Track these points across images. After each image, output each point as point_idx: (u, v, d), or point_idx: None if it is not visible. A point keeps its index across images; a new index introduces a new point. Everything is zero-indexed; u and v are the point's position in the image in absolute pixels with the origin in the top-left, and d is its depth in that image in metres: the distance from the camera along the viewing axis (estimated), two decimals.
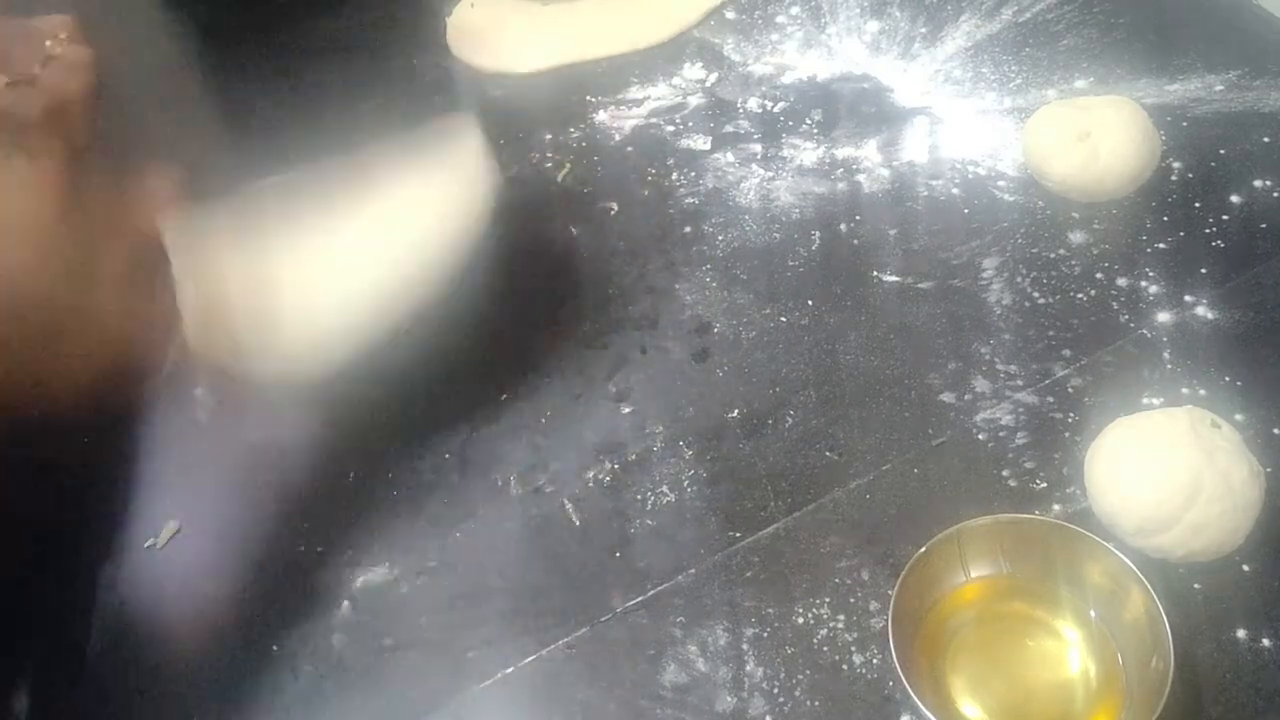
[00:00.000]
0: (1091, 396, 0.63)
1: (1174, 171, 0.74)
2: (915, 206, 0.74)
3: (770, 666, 0.55)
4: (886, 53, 0.85)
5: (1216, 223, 0.71)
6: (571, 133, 0.82)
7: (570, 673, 0.56)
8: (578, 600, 0.58)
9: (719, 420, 0.65)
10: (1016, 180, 0.75)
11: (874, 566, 0.57)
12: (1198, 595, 0.55)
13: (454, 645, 0.57)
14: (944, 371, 0.65)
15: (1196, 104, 0.78)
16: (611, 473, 0.63)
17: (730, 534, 0.60)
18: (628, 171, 0.79)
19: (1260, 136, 0.75)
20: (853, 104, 0.82)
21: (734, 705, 0.54)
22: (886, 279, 0.71)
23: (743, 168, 0.78)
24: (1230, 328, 0.66)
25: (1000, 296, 0.69)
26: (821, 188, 0.76)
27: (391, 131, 0.71)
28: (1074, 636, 0.54)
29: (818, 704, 0.53)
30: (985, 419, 0.63)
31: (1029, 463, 0.61)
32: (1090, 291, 0.68)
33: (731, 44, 0.87)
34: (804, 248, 0.73)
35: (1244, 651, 0.53)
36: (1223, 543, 0.55)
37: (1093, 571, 0.53)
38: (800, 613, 0.56)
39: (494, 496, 0.63)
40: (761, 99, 0.83)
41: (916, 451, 0.62)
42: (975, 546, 0.55)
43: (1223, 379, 0.63)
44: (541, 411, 0.66)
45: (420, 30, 0.92)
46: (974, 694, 0.52)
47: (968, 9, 0.87)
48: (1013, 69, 0.82)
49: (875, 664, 0.54)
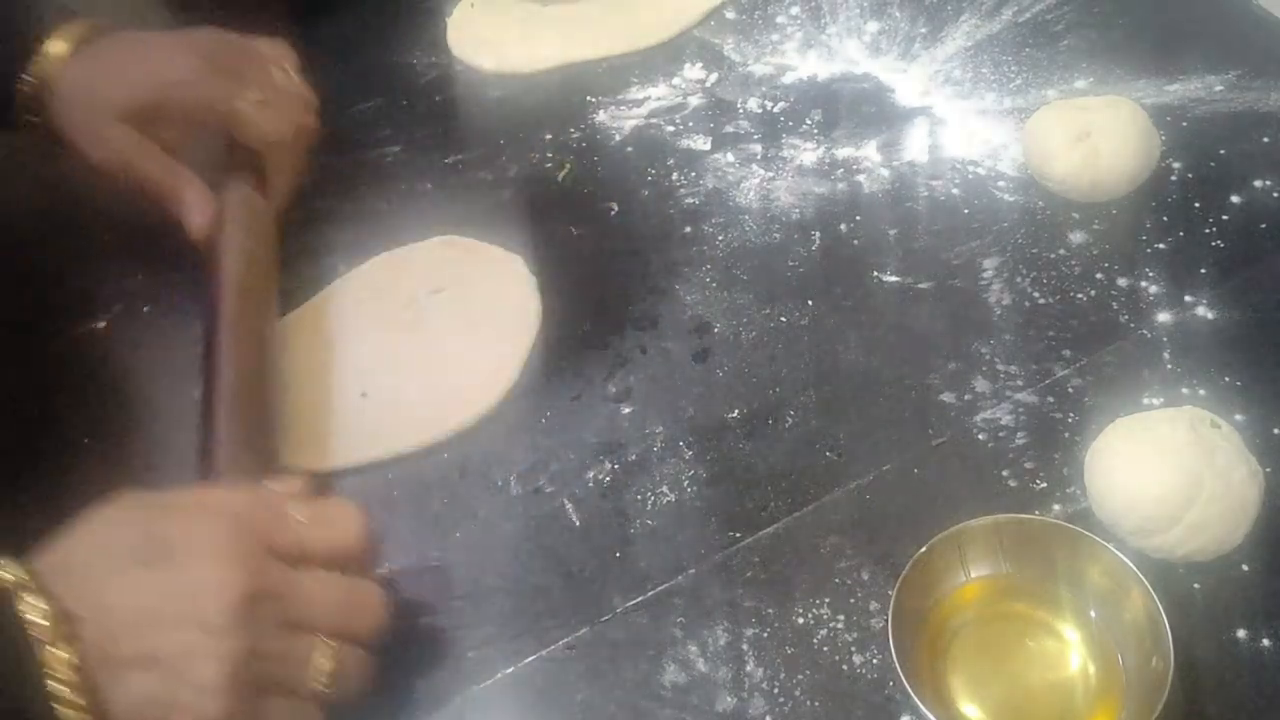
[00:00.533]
0: (1091, 396, 0.63)
1: (1174, 171, 0.74)
2: (915, 206, 0.74)
3: (770, 666, 0.55)
4: (886, 53, 0.85)
5: (1216, 223, 0.71)
6: (571, 133, 0.82)
7: (570, 673, 0.56)
8: (578, 600, 0.58)
9: (719, 420, 0.65)
10: (1016, 180, 0.75)
11: (874, 566, 0.57)
12: (1198, 595, 0.55)
13: (454, 645, 0.57)
14: (944, 371, 0.65)
15: (1196, 104, 0.78)
16: (611, 473, 0.63)
17: (730, 534, 0.60)
18: (628, 171, 0.79)
19: (1260, 136, 0.75)
20: (853, 104, 0.82)
21: (734, 705, 0.54)
22: (886, 279, 0.70)
23: (743, 168, 0.78)
24: (1230, 328, 0.66)
25: (1000, 296, 0.69)
26: (821, 188, 0.76)
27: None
28: (1074, 636, 0.54)
29: (818, 704, 0.53)
30: (985, 419, 0.63)
31: (1029, 463, 0.61)
32: (1090, 291, 0.68)
33: (731, 44, 0.87)
34: (804, 248, 0.73)
35: (1244, 651, 0.53)
36: (1222, 542, 0.55)
37: (1093, 571, 0.53)
38: (800, 613, 0.56)
39: (494, 496, 0.63)
40: (761, 99, 0.83)
41: (916, 451, 0.62)
42: (975, 546, 0.55)
43: (1223, 379, 0.63)
44: (541, 411, 0.66)
45: (420, 30, 0.92)
46: (974, 694, 0.52)
47: (968, 9, 0.87)
48: (1013, 69, 0.82)
49: (875, 664, 0.54)
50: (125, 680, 0.45)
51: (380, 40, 0.92)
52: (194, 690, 0.46)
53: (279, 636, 0.48)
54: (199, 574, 0.47)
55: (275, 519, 0.51)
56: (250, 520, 0.50)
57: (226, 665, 0.46)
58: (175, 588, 0.47)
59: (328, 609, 0.50)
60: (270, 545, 0.49)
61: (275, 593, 0.48)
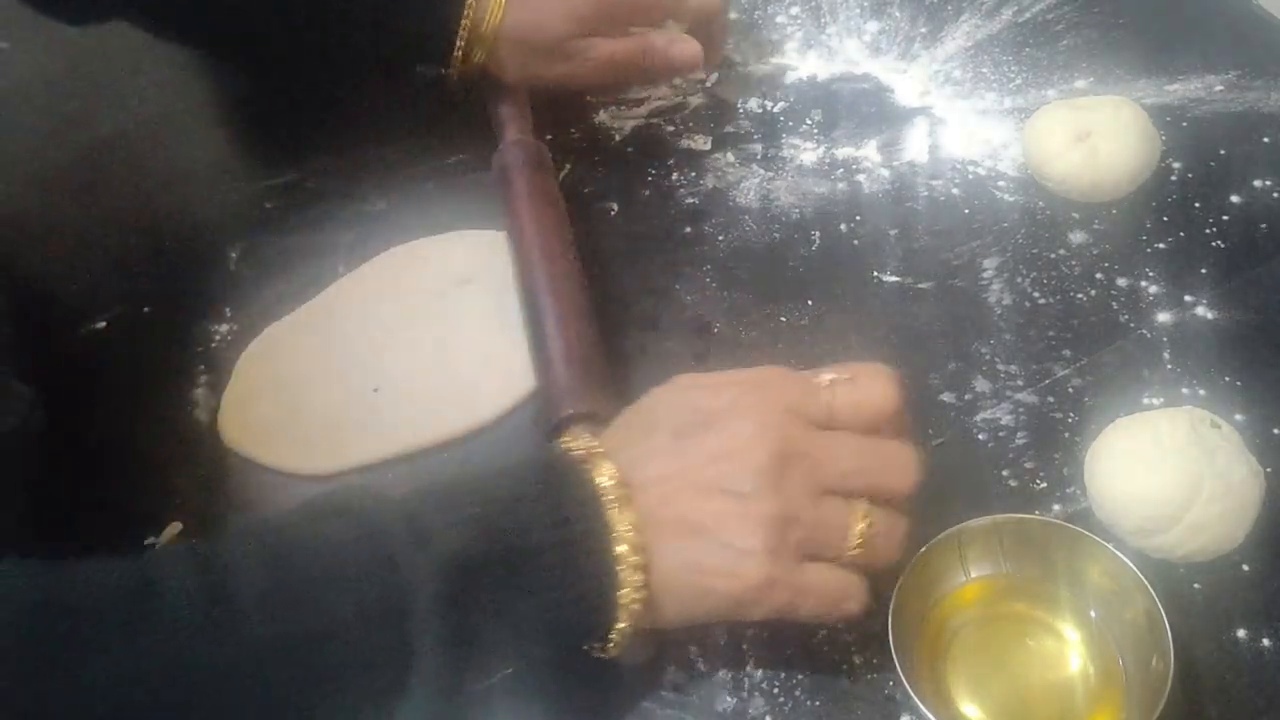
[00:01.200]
0: (1091, 396, 0.63)
1: (1174, 171, 0.74)
2: (915, 206, 0.74)
3: (770, 666, 0.55)
4: (886, 53, 0.85)
5: (1216, 223, 0.71)
6: (571, 133, 0.82)
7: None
8: None
9: None
10: (1016, 180, 0.75)
11: None
12: (1198, 595, 0.55)
13: None
14: (944, 371, 0.65)
15: (1196, 104, 0.78)
16: None
17: None
18: (628, 171, 0.79)
19: (1260, 136, 0.75)
20: (853, 104, 0.82)
21: (734, 705, 0.54)
22: (886, 279, 0.70)
23: (743, 168, 0.78)
24: (1230, 328, 0.66)
25: (1000, 296, 0.69)
26: (821, 188, 0.76)
27: None
28: (1074, 636, 0.54)
29: (818, 704, 0.53)
30: (985, 419, 0.63)
31: (1029, 463, 0.61)
32: (1090, 291, 0.68)
33: (731, 44, 0.87)
34: (804, 248, 0.73)
35: (1244, 651, 0.53)
36: (1222, 543, 0.55)
37: (1093, 571, 0.53)
38: None
39: None
40: (761, 99, 0.83)
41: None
42: (975, 546, 0.55)
43: (1223, 379, 0.63)
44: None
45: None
46: (974, 694, 0.52)
47: (968, 9, 0.87)
48: (1013, 69, 0.82)
49: (875, 664, 0.54)
50: (671, 543, 0.48)
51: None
52: (733, 554, 0.48)
53: (812, 499, 0.49)
54: (729, 442, 0.49)
55: (804, 387, 0.52)
56: (780, 389, 0.52)
57: (761, 529, 0.48)
58: (708, 456, 0.49)
59: (860, 470, 0.51)
60: (800, 411, 0.51)
61: (804, 454, 0.49)
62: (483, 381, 0.67)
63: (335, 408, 0.66)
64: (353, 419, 0.66)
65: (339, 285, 0.73)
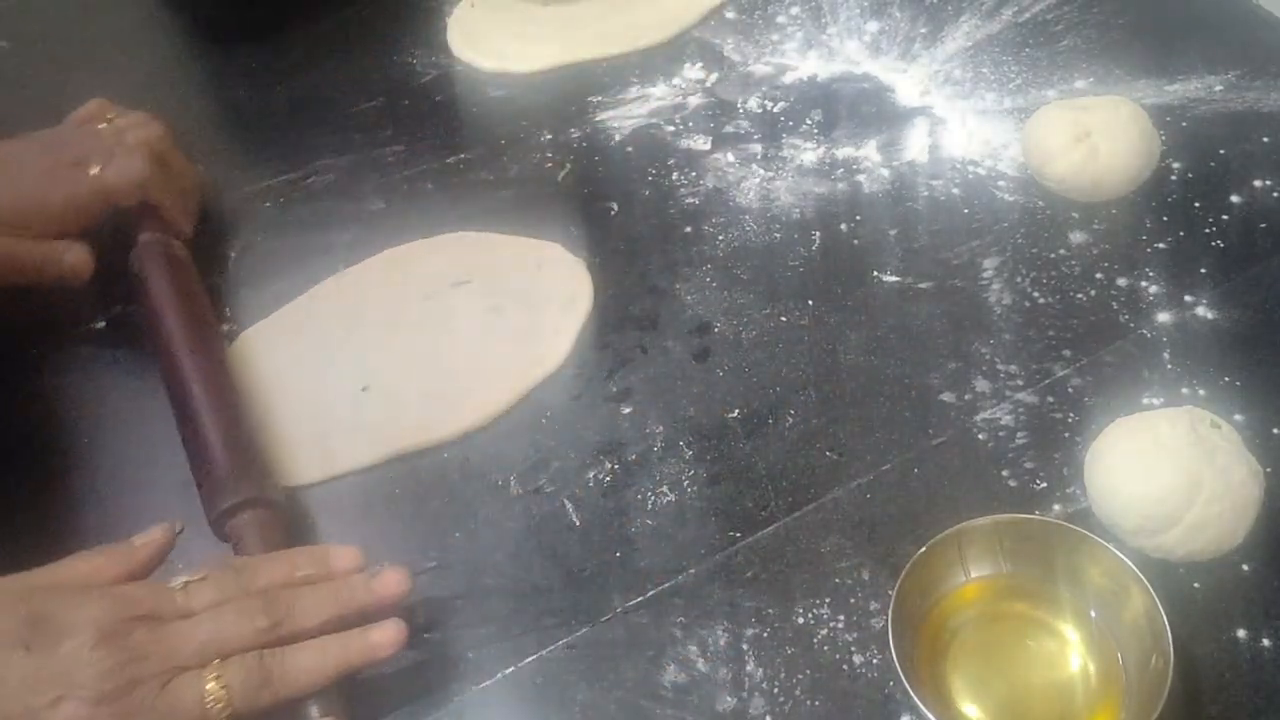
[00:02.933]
0: (1091, 396, 0.63)
1: (1174, 171, 0.74)
2: (915, 206, 0.74)
3: (770, 666, 0.55)
4: (886, 53, 0.85)
5: (1216, 223, 0.71)
6: (571, 133, 0.82)
7: (570, 673, 0.56)
8: (578, 600, 0.58)
9: (719, 420, 0.65)
10: (1016, 180, 0.75)
11: (874, 566, 0.57)
12: (1198, 595, 0.55)
13: (454, 645, 0.57)
14: (944, 371, 0.65)
15: (1196, 104, 0.78)
16: (611, 473, 0.63)
17: (730, 534, 0.60)
18: (628, 171, 0.79)
19: (1260, 136, 0.75)
20: (853, 104, 0.82)
21: (734, 705, 0.54)
22: (886, 279, 0.70)
23: (743, 168, 0.78)
24: (1230, 328, 0.66)
25: (1000, 296, 0.69)
26: (821, 188, 0.76)
27: None
28: (1074, 636, 0.54)
29: (818, 704, 0.53)
30: (985, 419, 0.63)
31: (1029, 463, 0.61)
32: (1090, 291, 0.68)
33: (731, 44, 0.87)
34: (804, 248, 0.73)
35: (1244, 651, 0.53)
36: (1222, 542, 0.55)
37: (1093, 571, 0.53)
38: (800, 613, 0.56)
39: (494, 496, 0.63)
40: (761, 99, 0.83)
41: (916, 451, 0.62)
42: (975, 546, 0.55)
43: (1223, 379, 0.63)
44: (542, 411, 0.66)
45: (421, 30, 0.92)
46: (974, 694, 0.52)
47: (968, 9, 0.87)
48: (1013, 69, 0.82)
49: (875, 664, 0.54)
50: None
51: (380, 40, 0.92)
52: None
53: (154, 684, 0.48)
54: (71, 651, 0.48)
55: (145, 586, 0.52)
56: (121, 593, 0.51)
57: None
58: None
59: (212, 638, 0.50)
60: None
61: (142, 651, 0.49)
62: (475, 383, 0.67)
63: (323, 408, 0.66)
64: (340, 420, 0.66)
65: (324, 285, 0.73)
